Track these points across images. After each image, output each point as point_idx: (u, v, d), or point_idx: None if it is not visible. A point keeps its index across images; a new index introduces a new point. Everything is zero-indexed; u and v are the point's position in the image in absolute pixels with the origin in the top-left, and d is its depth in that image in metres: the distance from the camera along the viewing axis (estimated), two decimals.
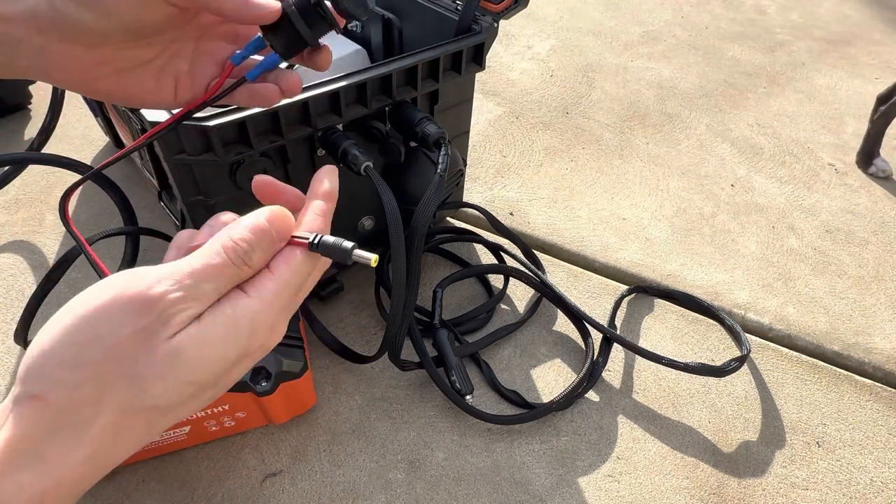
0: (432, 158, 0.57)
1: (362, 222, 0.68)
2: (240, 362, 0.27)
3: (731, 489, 0.55)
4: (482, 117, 1.01)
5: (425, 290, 0.70)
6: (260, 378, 0.49)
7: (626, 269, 0.76)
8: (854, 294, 0.74)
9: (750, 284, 0.74)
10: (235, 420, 0.53)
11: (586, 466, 0.56)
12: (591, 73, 1.14)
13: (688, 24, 1.32)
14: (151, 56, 0.36)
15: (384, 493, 0.54)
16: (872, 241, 0.82)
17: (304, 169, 0.56)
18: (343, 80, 0.51)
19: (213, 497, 0.53)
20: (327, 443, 0.57)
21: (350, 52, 0.73)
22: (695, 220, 0.83)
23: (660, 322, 0.69)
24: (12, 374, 0.62)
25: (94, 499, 0.52)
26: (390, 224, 0.49)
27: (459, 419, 0.59)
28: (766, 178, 0.92)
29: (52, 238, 0.76)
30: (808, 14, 1.38)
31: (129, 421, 0.25)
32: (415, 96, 0.57)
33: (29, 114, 0.95)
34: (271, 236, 0.27)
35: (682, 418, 0.61)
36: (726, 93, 1.10)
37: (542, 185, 0.88)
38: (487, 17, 0.59)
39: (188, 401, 0.26)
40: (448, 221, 0.81)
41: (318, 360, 0.64)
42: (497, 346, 0.66)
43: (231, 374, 0.28)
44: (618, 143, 0.97)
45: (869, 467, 0.58)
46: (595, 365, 0.63)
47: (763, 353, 0.67)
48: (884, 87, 0.90)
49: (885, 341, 0.68)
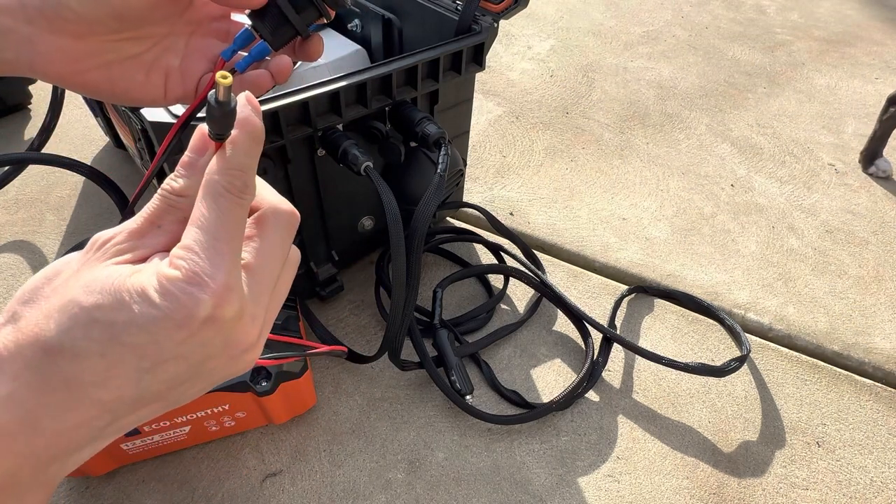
0: (432, 158, 0.57)
1: (362, 222, 0.68)
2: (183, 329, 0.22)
3: (731, 489, 0.55)
4: (482, 117, 1.01)
5: (425, 290, 0.70)
6: (260, 378, 0.49)
7: (626, 269, 0.76)
8: (854, 294, 0.74)
9: (750, 284, 0.74)
10: (235, 420, 0.53)
11: (586, 466, 0.56)
12: (591, 73, 1.14)
13: (688, 24, 1.32)
14: (141, 50, 0.35)
15: (384, 493, 0.54)
16: (872, 241, 0.82)
17: (304, 169, 0.56)
18: (343, 80, 0.51)
19: (213, 497, 0.53)
20: (327, 443, 0.57)
21: (350, 52, 0.73)
22: (695, 220, 0.83)
23: (660, 322, 0.69)
24: None
25: (94, 499, 0.52)
26: (390, 224, 0.49)
27: (459, 419, 0.59)
28: (766, 178, 0.92)
29: (52, 238, 0.76)
30: (808, 14, 1.38)
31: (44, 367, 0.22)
32: (415, 96, 0.57)
33: (29, 114, 0.96)
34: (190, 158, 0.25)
35: (682, 418, 0.61)
36: (726, 93, 1.10)
37: (542, 185, 0.88)
38: (487, 17, 0.59)
39: (106, 358, 0.22)
40: (448, 221, 0.81)
41: (319, 360, 0.64)
42: (497, 346, 0.66)
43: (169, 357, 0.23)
44: (618, 143, 0.97)
45: (869, 467, 0.58)
46: (595, 365, 0.63)
47: (763, 353, 0.67)
48: (884, 87, 0.90)
49: (885, 341, 0.69)
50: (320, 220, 0.62)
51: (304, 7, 0.34)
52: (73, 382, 0.22)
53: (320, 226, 0.63)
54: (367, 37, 0.76)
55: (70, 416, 0.22)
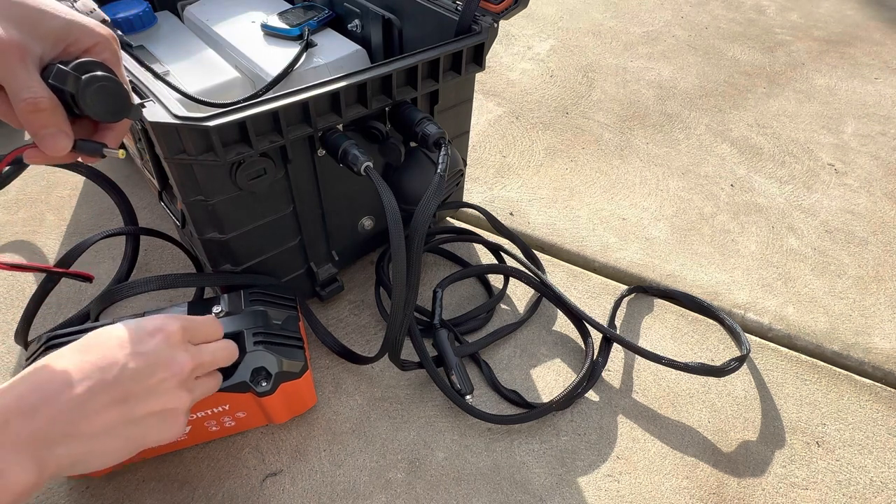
0: (432, 158, 0.57)
1: (362, 222, 0.68)
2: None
3: (731, 489, 0.55)
4: (482, 117, 1.01)
5: (425, 290, 0.70)
6: (260, 378, 0.49)
7: (626, 269, 0.76)
8: (854, 294, 0.74)
9: (750, 284, 0.74)
10: (235, 420, 0.53)
11: (586, 466, 0.56)
12: (591, 73, 1.14)
13: (688, 24, 1.32)
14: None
15: (384, 493, 0.54)
16: (872, 241, 0.82)
17: (305, 169, 0.56)
18: (343, 80, 0.51)
19: (213, 497, 0.53)
20: (327, 442, 0.57)
21: (350, 52, 0.73)
22: (695, 220, 0.83)
23: (659, 322, 0.69)
24: (12, 373, 0.62)
25: (94, 499, 0.52)
26: (390, 224, 0.49)
27: (459, 419, 0.59)
28: (766, 178, 0.92)
29: (52, 238, 0.76)
30: (808, 14, 1.38)
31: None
32: (415, 96, 0.57)
33: None
34: None
35: (682, 418, 0.61)
36: (726, 93, 1.11)
37: (542, 185, 0.88)
38: (487, 18, 0.59)
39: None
40: (448, 221, 0.81)
41: (319, 360, 0.64)
42: (497, 346, 0.66)
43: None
44: (617, 143, 0.97)
45: (869, 467, 0.58)
46: (595, 365, 0.63)
47: (763, 353, 0.67)
48: (884, 87, 0.90)
49: (884, 341, 0.69)
50: (320, 220, 0.62)
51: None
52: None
53: (320, 226, 0.63)
54: (367, 37, 0.76)
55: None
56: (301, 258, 0.64)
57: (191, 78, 0.68)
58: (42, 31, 0.35)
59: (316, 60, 0.71)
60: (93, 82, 0.35)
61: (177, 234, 0.69)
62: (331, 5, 0.79)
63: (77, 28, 0.37)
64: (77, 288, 0.69)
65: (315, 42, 0.73)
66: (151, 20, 0.76)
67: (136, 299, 0.67)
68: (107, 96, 0.36)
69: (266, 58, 0.71)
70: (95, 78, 0.35)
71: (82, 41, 0.37)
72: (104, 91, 0.36)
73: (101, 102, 0.36)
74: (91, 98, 0.36)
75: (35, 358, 0.49)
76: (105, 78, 0.36)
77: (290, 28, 0.73)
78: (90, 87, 0.35)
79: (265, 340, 0.50)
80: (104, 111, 0.37)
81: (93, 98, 0.36)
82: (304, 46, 0.71)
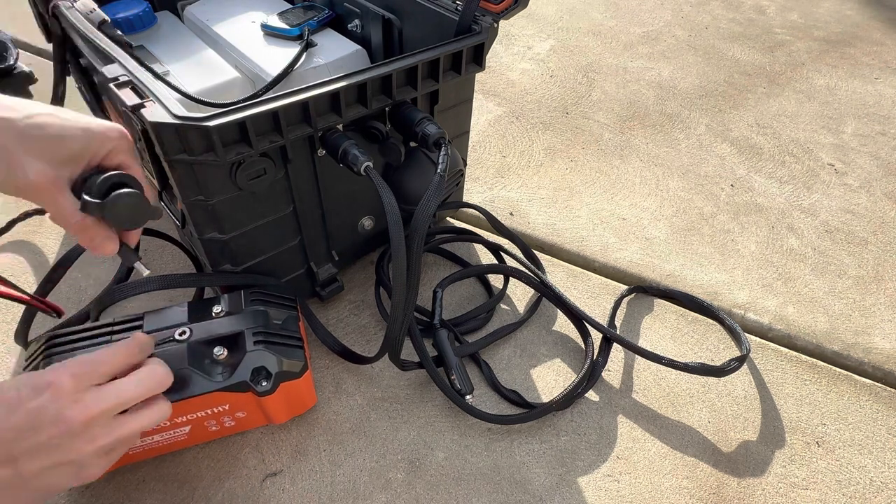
0: (432, 158, 0.57)
1: (362, 222, 0.68)
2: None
3: (731, 489, 0.55)
4: (482, 117, 1.01)
5: (425, 290, 0.70)
6: (260, 378, 0.49)
7: (626, 269, 0.76)
8: (854, 294, 0.74)
9: (750, 284, 0.74)
10: (235, 420, 0.53)
11: (586, 466, 0.56)
12: (591, 73, 1.14)
13: (688, 24, 1.32)
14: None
15: (384, 493, 0.54)
16: (872, 241, 0.82)
17: (305, 169, 0.56)
18: (343, 80, 0.51)
19: (213, 497, 0.53)
20: (327, 442, 0.57)
21: (350, 52, 0.73)
22: (694, 220, 0.83)
23: (659, 322, 0.69)
24: (12, 373, 0.62)
25: (94, 499, 0.52)
26: (390, 224, 0.49)
27: (459, 419, 0.59)
28: (766, 178, 0.92)
29: (52, 238, 0.76)
30: (808, 14, 1.38)
31: None
32: (415, 96, 0.57)
33: None
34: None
35: (682, 418, 0.61)
36: (726, 93, 1.11)
37: (541, 185, 0.88)
38: (487, 18, 0.59)
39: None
40: (448, 221, 0.81)
41: (319, 360, 0.64)
42: (497, 346, 0.66)
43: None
44: (617, 143, 0.97)
45: (869, 467, 0.58)
46: (595, 365, 0.63)
47: (763, 353, 0.67)
48: (884, 87, 0.90)
49: (884, 341, 0.69)
50: (320, 220, 0.62)
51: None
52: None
53: (320, 226, 0.63)
54: (367, 37, 0.76)
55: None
56: (301, 258, 0.64)
57: (191, 78, 0.68)
58: (65, 156, 0.41)
59: (316, 60, 0.71)
60: (115, 204, 0.41)
61: (177, 234, 0.69)
62: (331, 5, 0.79)
63: (93, 140, 0.42)
64: (77, 288, 0.69)
65: (315, 42, 0.73)
66: (151, 20, 0.76)
67: (136, 299, 0.67)
68: (129, 211, 0.42)
69: (266, 58, 0.71)
70: (118, 199, 0.41)
71: (100, 152, 0.42)
72: (126, 208, 0.42)
73: (125, 218, 0.42)
74: (116, 219, 0.42)
75: (35, 358, 0.49)
76: (126, 196, 0.42)
77: (290, 28, 0.73)
78: (113, 211, 0.41)
79: (265, 340, 0.50)
80: (129, 223, 0.43)
81: (117, 218, 0.42)
82: (304, 46, 0.71)
